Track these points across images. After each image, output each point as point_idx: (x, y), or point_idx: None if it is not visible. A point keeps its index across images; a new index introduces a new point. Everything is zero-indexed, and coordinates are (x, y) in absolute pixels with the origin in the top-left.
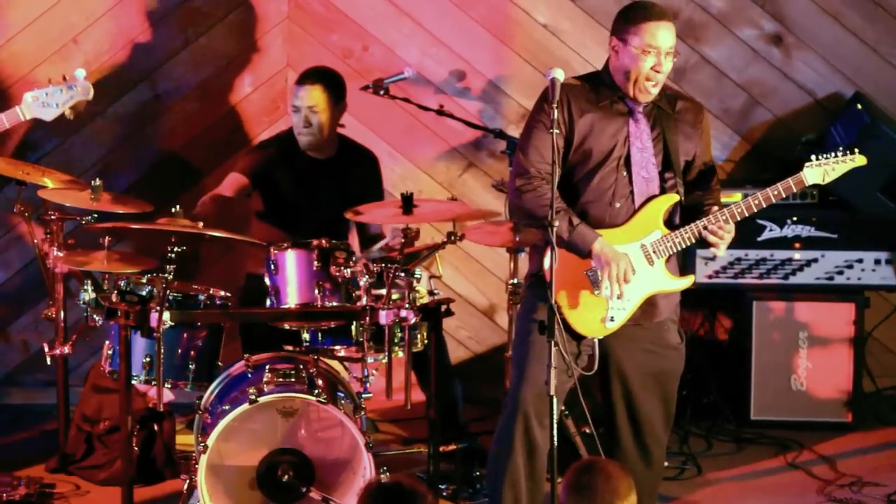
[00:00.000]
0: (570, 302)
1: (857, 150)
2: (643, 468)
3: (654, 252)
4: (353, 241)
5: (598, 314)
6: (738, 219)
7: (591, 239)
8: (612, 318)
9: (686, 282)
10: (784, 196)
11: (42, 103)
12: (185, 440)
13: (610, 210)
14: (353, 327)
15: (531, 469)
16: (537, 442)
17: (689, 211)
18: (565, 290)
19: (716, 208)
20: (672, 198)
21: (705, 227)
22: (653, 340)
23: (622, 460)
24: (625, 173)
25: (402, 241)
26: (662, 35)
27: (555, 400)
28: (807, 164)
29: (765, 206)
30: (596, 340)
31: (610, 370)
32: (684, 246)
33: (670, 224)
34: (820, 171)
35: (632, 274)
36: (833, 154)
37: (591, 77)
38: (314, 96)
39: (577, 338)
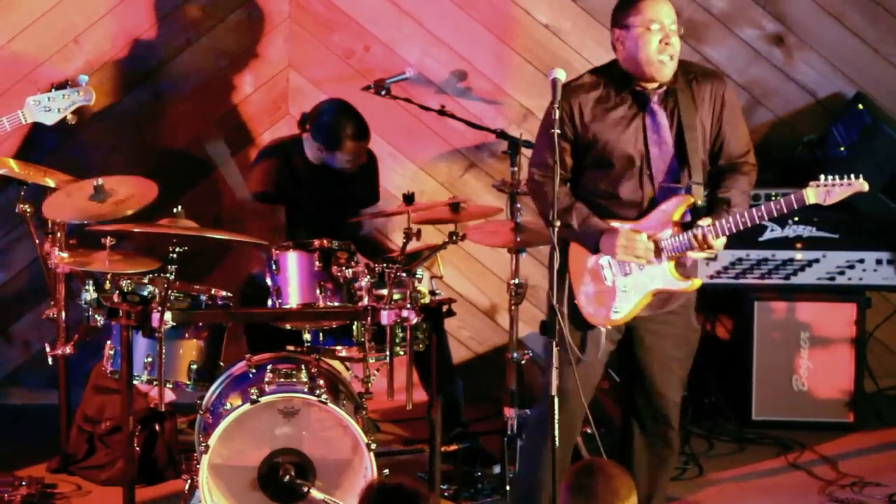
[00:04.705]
0: (583, 290)
1: (860, 176)
2: (662, 446)
3: (663, 249)
4: None
5: (605, 304)
6: (729, 230)
7: (596, 237)
8: (617, 309)
9: (688, 284)
10: (785, 212)
11: (44, 108)
12: (186, 440)
13: (629, 206)
14: (354, 327)
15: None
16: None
17: (711, 202)
18: (580, 279)
19: (735, 203)
20: (687, 201)
21: (695, 236)
22: (681, 324)
23: (639, 442)
24: (648, 178)
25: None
26: (663, 9)
27: (556, 400)
28: (811, 182)
29: (767, 218)
30: (603, 330)
31: (637, 353)
32: (687, 248)
33: (685, 223)
34: (822, 191)
35: (643, 252)
36: (836, 176)
37: (599, 73)
38: (360, 153)
39: (586, 326)
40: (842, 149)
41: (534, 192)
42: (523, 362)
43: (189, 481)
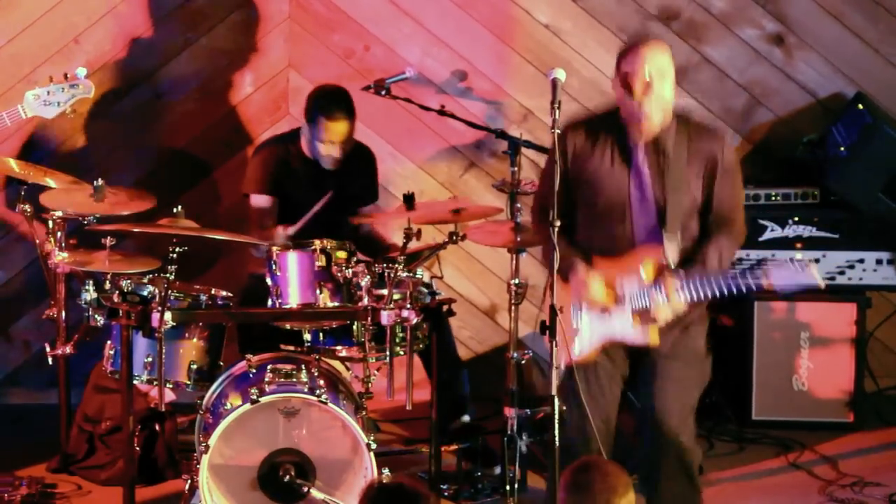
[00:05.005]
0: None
1: (819, 277)
2: (671, 471)
3: (628, 302)
4: None
5: (569, 341)
6: (690, 298)
7: (567, 272)
8: (579, 349)
9: (642, 338)
10: (744, 290)
11: (43, 101)
12: (186, 440)
13: (616, 252)
14: (354, 327)
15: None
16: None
17: (691, 255)
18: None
19: (709, 264)
20: (655, 263)
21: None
22: (687, 351)
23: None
24: (629, 226)
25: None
26: (644, 58)
27: (556, 400)
28: (772, 263)
29: (726, 292)
30: (563, 365)
31: (643, 381)
32: (648, 307)
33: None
34: (780, 277)
35: (597, 298)
36: (798, 262)
37: (602, 116)
38: (345, 129)
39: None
40: (842, 149)
41: (536, 234)
42: (523, 362)
43: (189, 481)
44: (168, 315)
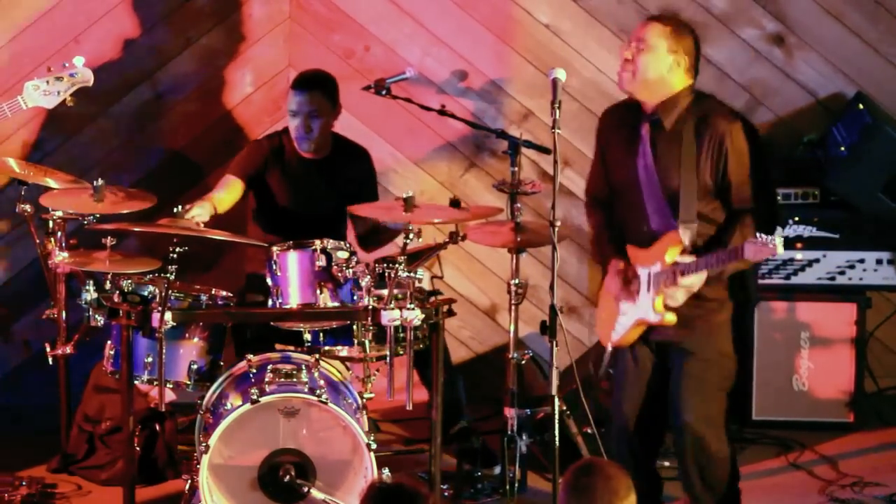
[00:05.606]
0: (601, 312)
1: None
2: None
3: (651, 283)
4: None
5: (610, 324)
6: (691, 271)
7: (605, 263)
8: (616, 331)
9: (660, 318)
10: (728, 264)
11: (43, 92)
12: (186, 440)
13: (639, 233)
14: (354, 327)
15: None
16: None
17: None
18: (603, 301)
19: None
20: (677, 245)
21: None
22: (707, 348)
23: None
24: (642, 207)
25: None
26: (636, 32)
27: (556, 400)
28: (751, 238)
29: (717, 267)
30: (609, 348)
31: (668, 379)
32: (668, 288)
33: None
34: (753, 249)
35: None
36: (766, 237)
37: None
38: (314, 101)
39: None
40: (842, 149)
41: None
42: (523, 362)
43: (189, 481)
44: (168, 315)
